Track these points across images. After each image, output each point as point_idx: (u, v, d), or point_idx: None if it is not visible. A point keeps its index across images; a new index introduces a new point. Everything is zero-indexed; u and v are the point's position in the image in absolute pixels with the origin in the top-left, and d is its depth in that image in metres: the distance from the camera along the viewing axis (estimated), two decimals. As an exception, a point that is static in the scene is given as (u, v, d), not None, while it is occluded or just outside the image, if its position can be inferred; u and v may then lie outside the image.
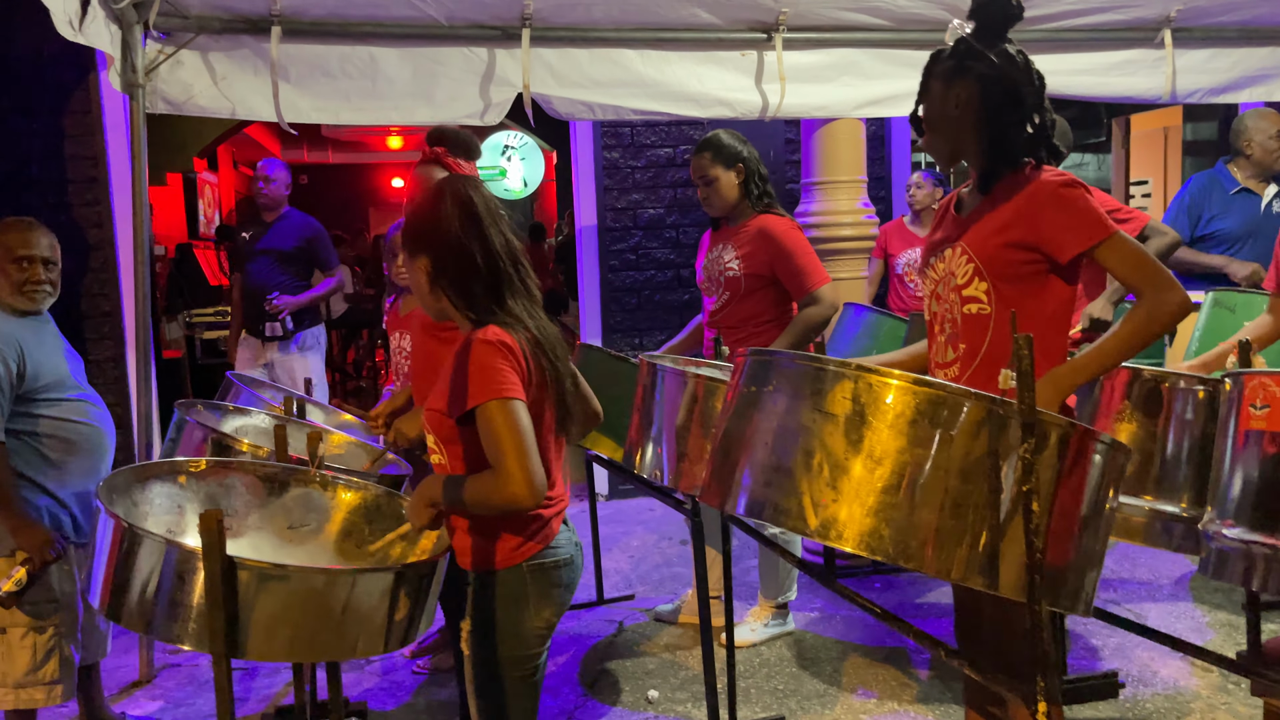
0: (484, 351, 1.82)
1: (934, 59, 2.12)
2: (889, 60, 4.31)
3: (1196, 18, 4.44)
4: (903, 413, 1.40)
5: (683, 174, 5.71)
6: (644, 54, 4.10)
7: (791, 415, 1.49)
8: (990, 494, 1.35)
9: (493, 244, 1.91)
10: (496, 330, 1.86)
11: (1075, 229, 1.94)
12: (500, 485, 1.73)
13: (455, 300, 1.92)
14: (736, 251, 3.53)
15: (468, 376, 1.80)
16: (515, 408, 1.78)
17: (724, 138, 3.65)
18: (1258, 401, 1.93)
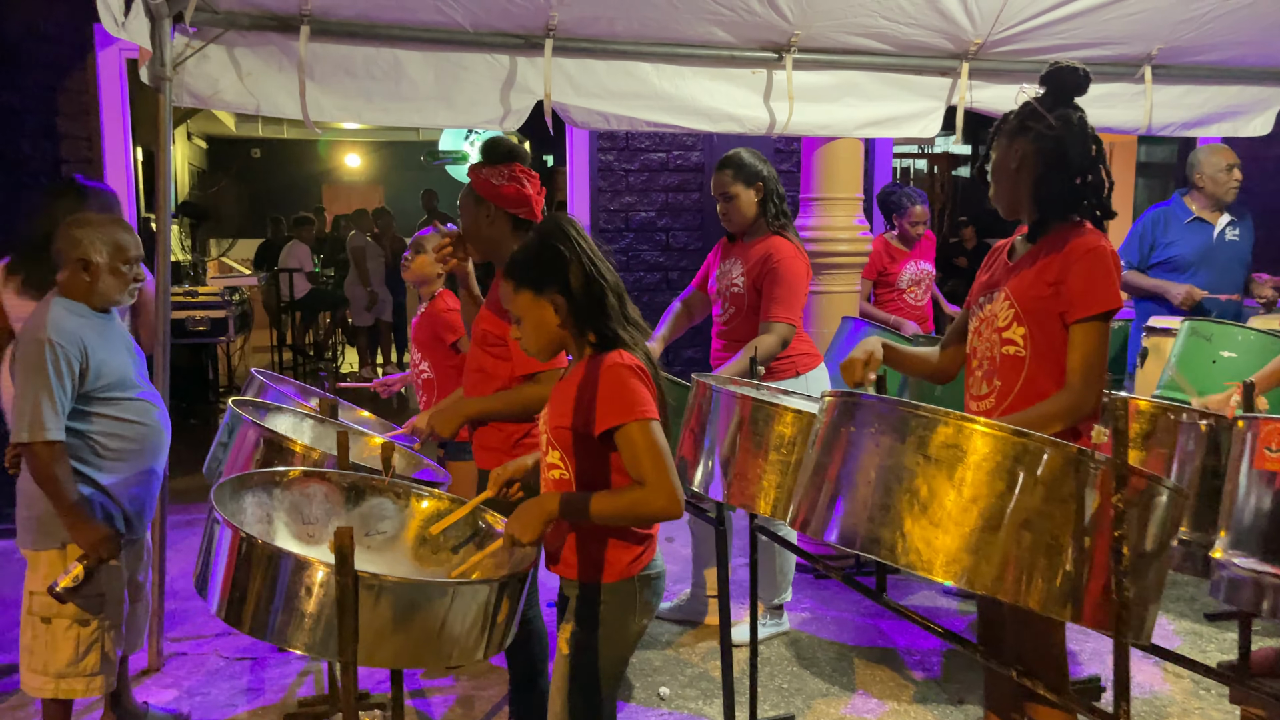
0: (622, 374, 1.96)
1: (1003, 119, 2.29)
2: (889, 83, 4.49)
3: (1176, 56, 4.70)
4: (999, 459, 1.56)
5: (675, 178, 5.84)
6: (659, 68, 4.21)
7: (893, 456, 1.64)
8: (1076, 535, 1.52)
9: (607, 274, 2.05)
10: (627, 354, 2.00)
11: (1084, 295, 2.14)
12: (650, 499, 1.89)
13: (587, 330, 2.04)
14: (744, 268, 3.69)
15: (608, 397, 1.94)
16: (655, 427, 1.93)
17: (745, 156, 3.79)
18: (1273, 445, 2.14)
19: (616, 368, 1.98)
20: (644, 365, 2.02)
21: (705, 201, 5.87)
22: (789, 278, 3.57)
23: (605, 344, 2.05)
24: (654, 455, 1.91)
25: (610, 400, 1.96)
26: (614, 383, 1.97)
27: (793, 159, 5.93)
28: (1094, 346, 2.13)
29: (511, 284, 2.10)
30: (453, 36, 3.93)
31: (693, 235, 5.93)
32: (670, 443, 2.06)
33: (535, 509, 1.97)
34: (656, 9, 3.99)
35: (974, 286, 2.40)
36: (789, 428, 2.31)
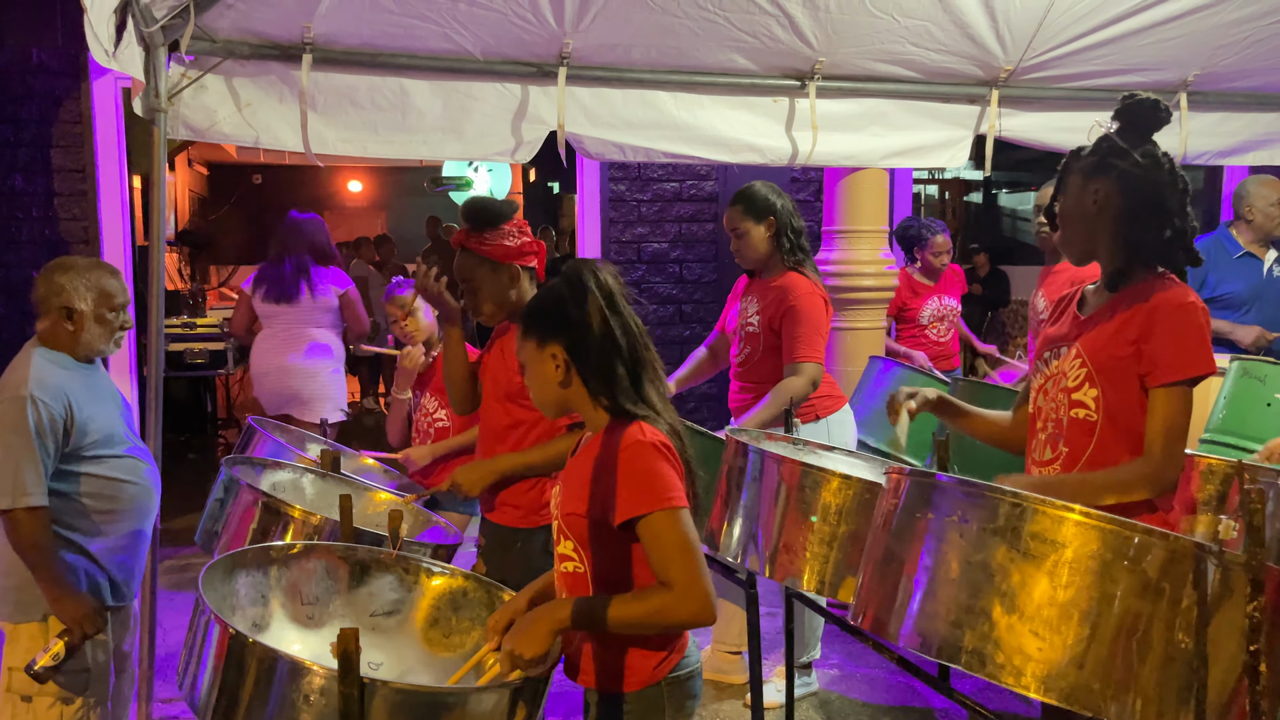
0: (645, 454, 1.74)
1: (1074, 155, 2.10)
2: (916, 112, 4.31)
3: (1212, 83, 4.52)
4: (1106, 555, 1.36)
5: (688, 209, 5.66)
6: (677, 97, 4.03)
7: (980, 550, 1.43)
8: (1199, 650, 1.31)
9: (632, 327, 1.84)
10: (652, 429, 1.78)
11: (1172, 358, 1.92)
12: (677, 605, 1.67)
13: (594, 388, 1.83)
14: (759, 305, 3.50)
15: (628, 481, 1.72)
16: (684, 517, 1.71)
17: (758, 189, 3.62)
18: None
19: (638, 446, 1.76)
20: (669, 441, 1.79)
21: (720, 233, 5.69)
22: (809, 315, 3.37)
23: (620, 414, 1.83)
24: (684, 552, 1.69)
25: (631, 485, 1.74)
26: (635, 464, 1.74)
27: (810, 188, 5.75)
28: (1178, 413, 1.92)
29: (521, 328, 1.91)
30: (462, 65, 3.75)
31: (707, 267, 5.74)
32: (700, 500, 1.85)
33: (543, 620, 1.73)
34: (676, 36, 3.81)
35: (1040, 340, 2.19)
36: (835, 496, 2.10)
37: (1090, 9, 4.07)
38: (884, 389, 3.93)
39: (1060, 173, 2.14)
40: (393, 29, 3.56)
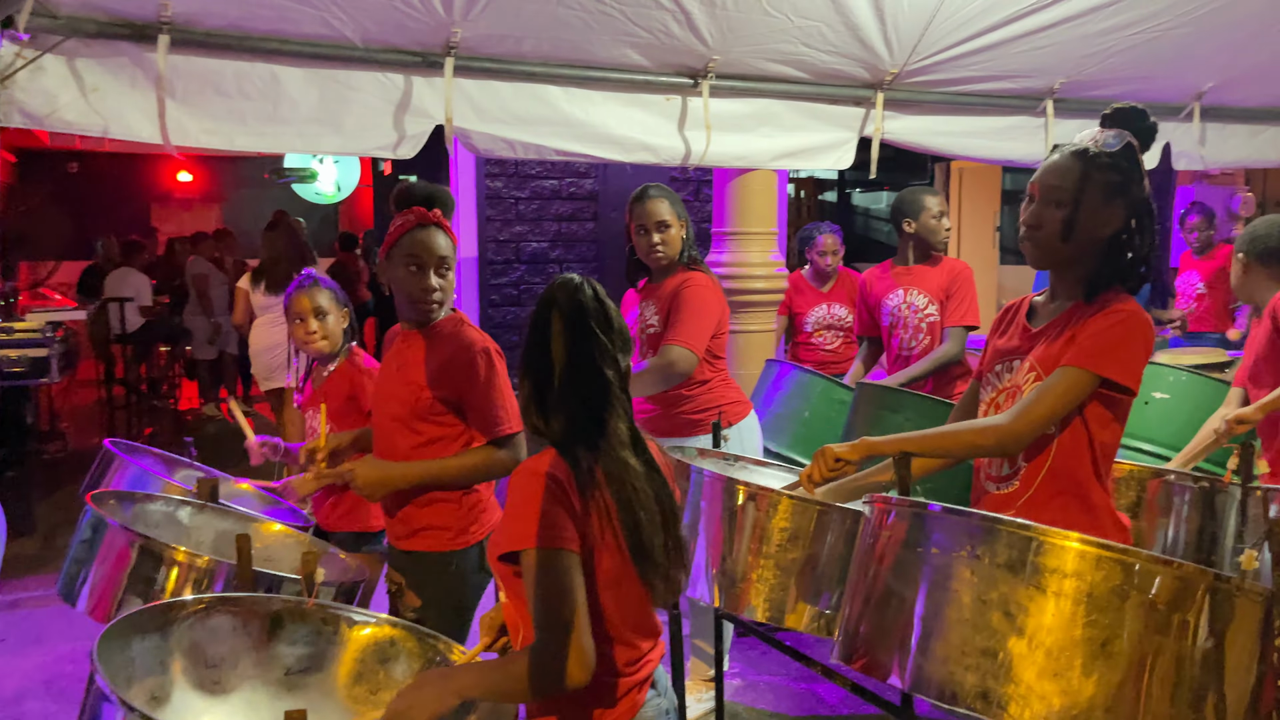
0: (524, 485, 1.62)
1: (1092, 164, 1.96)
2: (805, 113, 4.29)
3: (1076, 91, 4.70)
4: (1133, 590, 1.30)
5: (568, 207, 5.49)
6: (569, 92, 3.86)
7: (995, 587, 1.35)
8: (1232, 686, 1.27)
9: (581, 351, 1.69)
10: (552, 458, 1.64)
11: (1089, 349, 1.88)
12: (541, 663, 1.51)
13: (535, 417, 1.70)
14: (657, 306, 3.39)
15: (508, 512, 1.63)
16: (557, 561, 1.56)
17: (666, 188, 3.52)
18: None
19: (521, 474, 1.65)
20: (561, 476, 1.64)
21: (600, 231, 5.55)
22: (693, 302, 3.27)
23: (539, 436, 1.73)
24: (548, 601, 1.54)
25: (509, 516, 1.64)
26: (514, 494, 1.64)
27: (689, 187, 5.69)
28: (1065, 392, 1.85)
29: None
30: (340, 52, 3.46)
31: (588, 267, 5.59)
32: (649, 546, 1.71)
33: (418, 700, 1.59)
34: (569, 28, 3.64)
35: (988, 352, 2.14)
36: (787, 520, 2.00)
37: (972, 15, 4.16)
38: (781, 393, 3.89)
39: (1079, 181, 1.94)
40: (263, 10, 3.25)
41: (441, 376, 2.42)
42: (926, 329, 3.91)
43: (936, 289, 3.91)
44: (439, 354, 2.45)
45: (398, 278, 2.45)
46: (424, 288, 2.43)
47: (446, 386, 2.41)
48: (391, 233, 2.48)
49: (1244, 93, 5.07)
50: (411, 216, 2.46)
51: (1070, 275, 2.00)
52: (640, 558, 1.70)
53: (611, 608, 1.69)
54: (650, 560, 1.69)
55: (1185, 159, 5.13)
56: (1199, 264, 5.94)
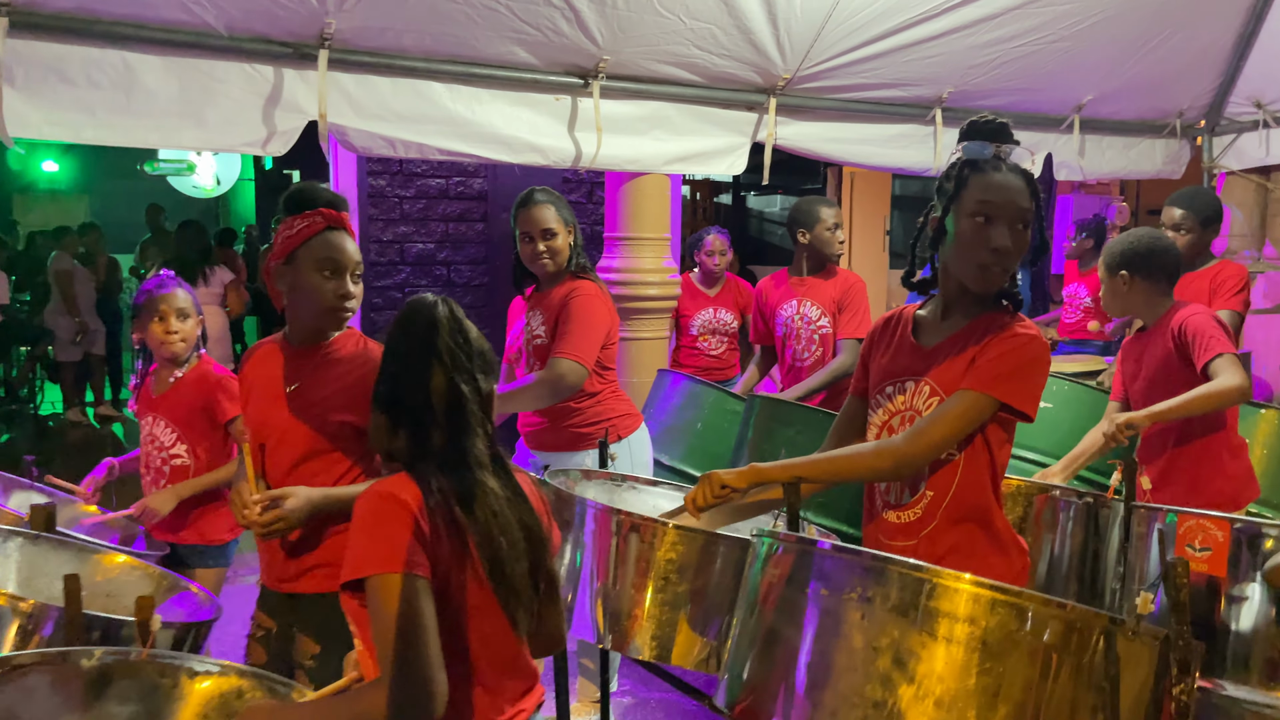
0: (370, 508, 1.52)
1: (1033, 181, 1.92)
2: (698, 117, 4.22)
3: (963, 100, 4.75)
4: (1035, 637, 1.24)
5: (456, 207, 5.30)
6: (454, 89, 3.69)
7: (887, 632, 1.27)
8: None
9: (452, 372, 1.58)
10: (401, 480, 1.55)
11: (987, 372, 1.84)
12: (378, 699, 1.41)
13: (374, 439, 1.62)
14: (544, 316, 3.25)
15: (359, 540, 1.52)
16: (404, 587, 1.46)
17: (554, 192, 3.38)
18: (1196, 543, 1.98)
19: (369, 497, 1.56)
20: (407, 499, 1.55)
21: (490, 232, 5.38)
22: (581, 312, 3.15)
23: (398, 464, 1.64)
24: (391, 630, 1.45)
25: (354, 541, 1.55)
26: (360, 517, 1.55)
27: (582, 189, 5.56)
28: (961, 415, 1.82)
29: None
30: (202, 40, 3.22)
31: (477, 270, 5.41)
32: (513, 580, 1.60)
33: None
34: (453, 23, 3.48)
35: (874, 371, 2.06)
36: (673, 551, 1.90)
37: (864, 22, 4.15)
38: (673, 404, 3.80)
39: (1030, 199, 1.88)
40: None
41: (349, 399, 2.19)
42: (819, 341, 3.88)
43: (829, 301, 3.88)
44: (345, 374, 2.23)
45: (306, 284, 2.21)
46: (342, 294, 2.21)
47: (353, 409, 2.19)
48: (295, 235, 2.22)
49: (1120, 106, 5.22)
50: (319, 218, 2.23)
51: (970, 294, 1.95)
52: (500, 586, 1.59)
53: (473, 643, 1.58)
54: (511, 589, 1.59)
55: (1066, 169, 5.25)
56: (1086, 278, 6.09)
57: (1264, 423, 3.29)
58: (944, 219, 1.94)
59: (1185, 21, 4.82)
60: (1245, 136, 5.50)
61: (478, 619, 1.59)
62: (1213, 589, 1.93)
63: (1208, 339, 2.70)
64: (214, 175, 11.65)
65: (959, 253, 1.91)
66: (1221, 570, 1.92)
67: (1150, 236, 2.99)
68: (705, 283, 5.02)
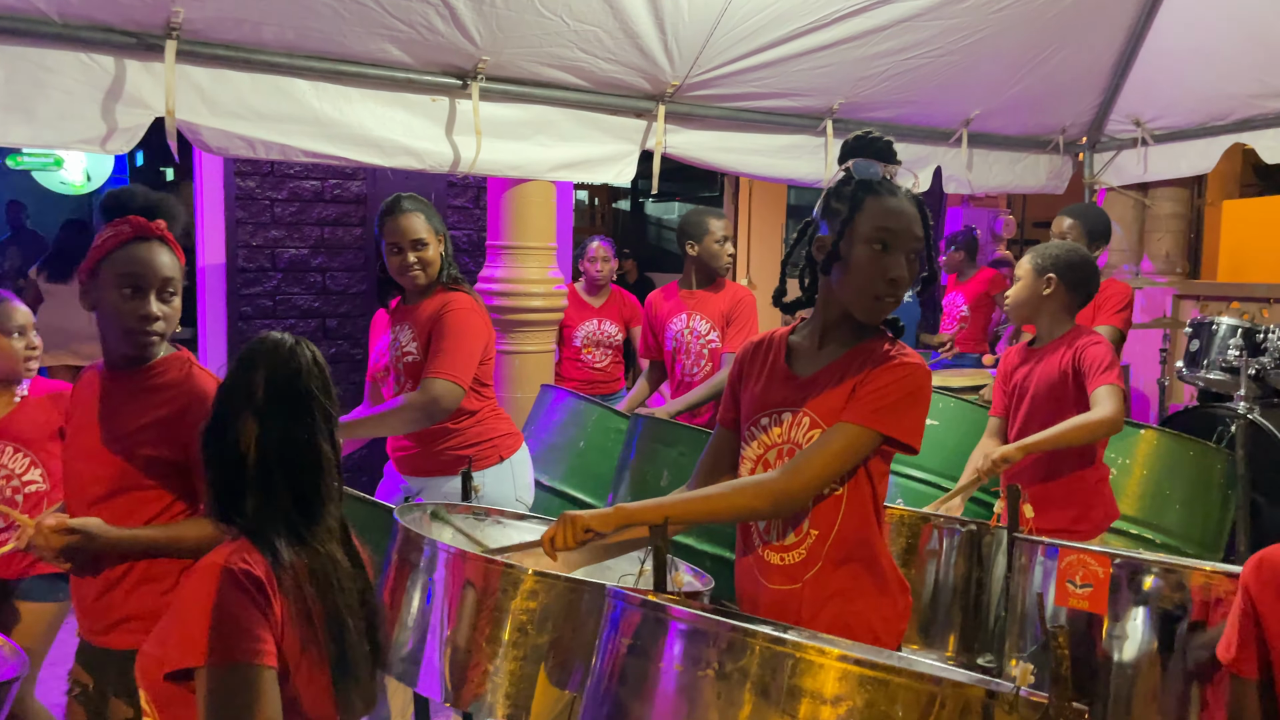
0: (204, 582, 1.32)
1: (922, 206, 1.82)
2: (584, 123, 4.08)
3: (853, 112, 4.72)
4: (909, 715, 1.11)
5: (332, 211, 5.03)
6: (320, 87, 3.46)
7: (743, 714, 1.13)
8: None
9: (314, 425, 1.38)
10: (244, 550, 1.34)
11: (866, 404, 1.74)
12: None
13: (212, 500, 1.37)
14: (414, 331, 3.01)
15: (194, 620, 1.30)
16: (247, 679, 1.28)
17: (423, 200, 3.15)
18: (1077, 579, 1.91)
19: (203, 572, 1.35)
20: (271, 573, 1.36)
21: (369, 238, 5.13)
22: (456, 328, 2.92)
23: (238, 529, 1.41)
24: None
25: (196, 625, 1.32)
26: (203, 599, 1.33)
27: (469, 193, 5.35)
28: (840, 451, 1.72)
29: None
30: (32, 27, 2.94)
31: (355, 276, 5.15)
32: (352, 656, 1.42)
33: None
34: (318, 17, 3.26)
35: (746, 401, 1.93)
36: (533, 600, 1.74)
37: (754, 30, 4.07)
38: (556, 421, 3.64)
39: (923, 227, 1.78)
40: (-76, -30, 2.69)
41: (166, 432, 1.96)
42: (709, 355, 3.77)
43: (718, 314, 3.77)
44: (163, 404, 1.97)
45: (107, 301, 1.96)
46: (142, 315, 1.94)
47: (170, 444, 1.95)
48: (98, 246, 1.98)
49: (1006, 121, 5.27)
50: (126, 227, 1.96)
51: (851, 320, 1.83)
52: (341, 672, 1.41)
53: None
54: (352, 675, 1.41)
55: (954, 183, 5.28)
56: (963, 287, 6.15)
57: (1143, 442, 3.31)
58: (836, 242, 1.81)
59: (1067, 41, 4.88)
60: (1124, 153, 5.63)
61: (309, 705, 1.41)
62: (1093, 626, 1.87)
63: (1103, 368, 2.66)
64: (84, 171, 10.99)
65: (852, 281, 1.80)
66: (1102, 608, 1.86)
67: (1084, 253, 2.94)
68: (590, 292, 4.88)
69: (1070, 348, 2.75)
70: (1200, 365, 4.50)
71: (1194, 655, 1.81)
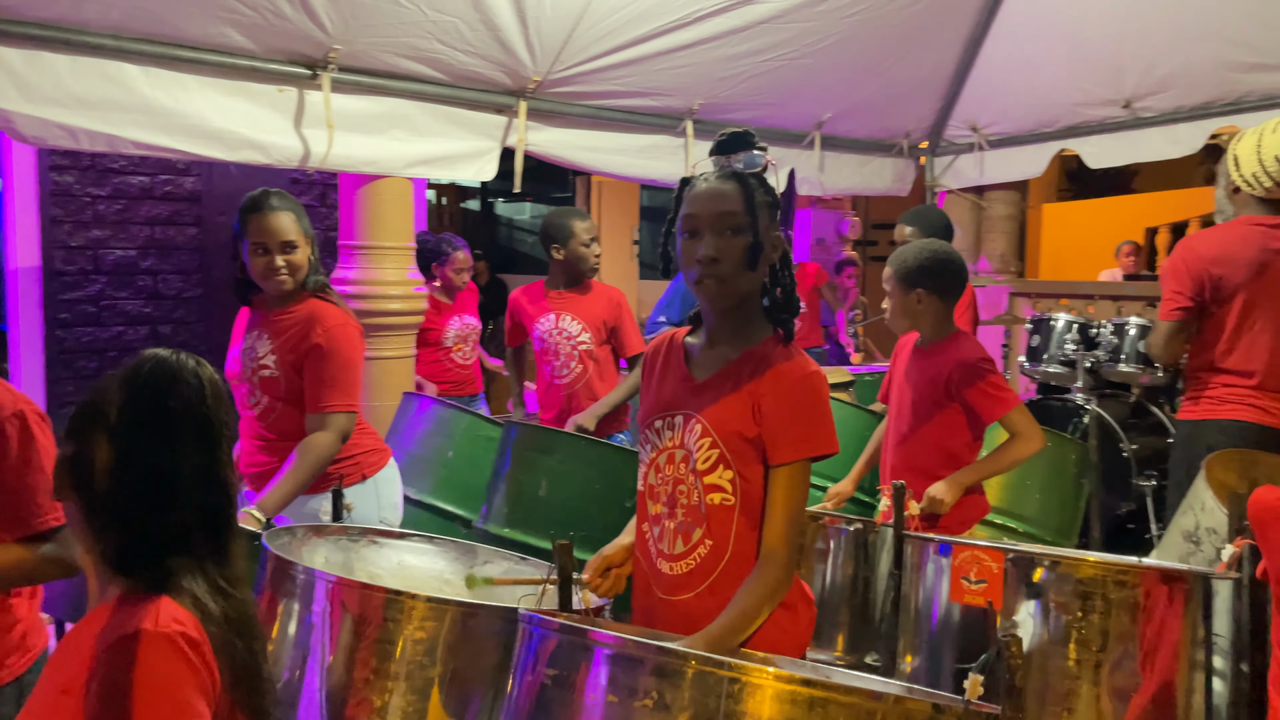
0: (155, 659, 1.12)
1: (752, 183, 1.75)
2: (443, 117, 3.91)
3: (713, 113, 4.73)
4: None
5: (164, 209, 4.65)
6: (152, 73, 3.17)
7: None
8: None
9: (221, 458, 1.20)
10: (172, 611, 1.13)
11: (794, 436, 1.71)
12: None
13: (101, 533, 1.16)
14: (274, 343, 2.78)
15: (121, 701, 1.10)
16: None
17: (291, 197, 2.90)
18: (971, 575, 1.92)
19: (148, 641, 1.15)
20: (203, 631, 1.19)
21: (204, 239, 4.77)
22: (339, 351, 2.72)
23: (141, 582, 1.20)
24: None
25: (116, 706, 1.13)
26: (138, 675, 1.13)
27: (314, 190, 5.07)
28: (801, 496, 1.73)
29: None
30: None
31: (189, 280, 4.79)
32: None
33: None
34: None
35: (645, 402, 1.85)
36: (424, 629, 1.60)
37: (616, 27, 4.01)
38: (422, 430, 3.47)
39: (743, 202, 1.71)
40: None
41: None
42: (580, 357, 3.68)
43: (591, 316, 3.69)
44: None
45: None
46: None
47: None
48: None
49: (855, 124, 5.42)
50: None
51: (736, 317, 1.78)
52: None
53: None
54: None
55: (807, 184, 5.38)
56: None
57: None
58: (665, 242, 1.84)
59: (910, 49, 5.05)
60: (962, 158, 5.89)
61: None
62: (989, 621, 1.89)
63: (996, 392, 2.65)
64: None
65: (684, 274, 1.79)
66: (998, 602, 1.88)
67: (944, 251, 2.84)
68: (445, 294, 4.72)
69: (949, 361, 2.70)
70: (1040, 359, 4.74)
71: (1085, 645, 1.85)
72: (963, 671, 1.83)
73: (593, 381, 3.68)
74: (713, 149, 1.82)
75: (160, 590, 1.19)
